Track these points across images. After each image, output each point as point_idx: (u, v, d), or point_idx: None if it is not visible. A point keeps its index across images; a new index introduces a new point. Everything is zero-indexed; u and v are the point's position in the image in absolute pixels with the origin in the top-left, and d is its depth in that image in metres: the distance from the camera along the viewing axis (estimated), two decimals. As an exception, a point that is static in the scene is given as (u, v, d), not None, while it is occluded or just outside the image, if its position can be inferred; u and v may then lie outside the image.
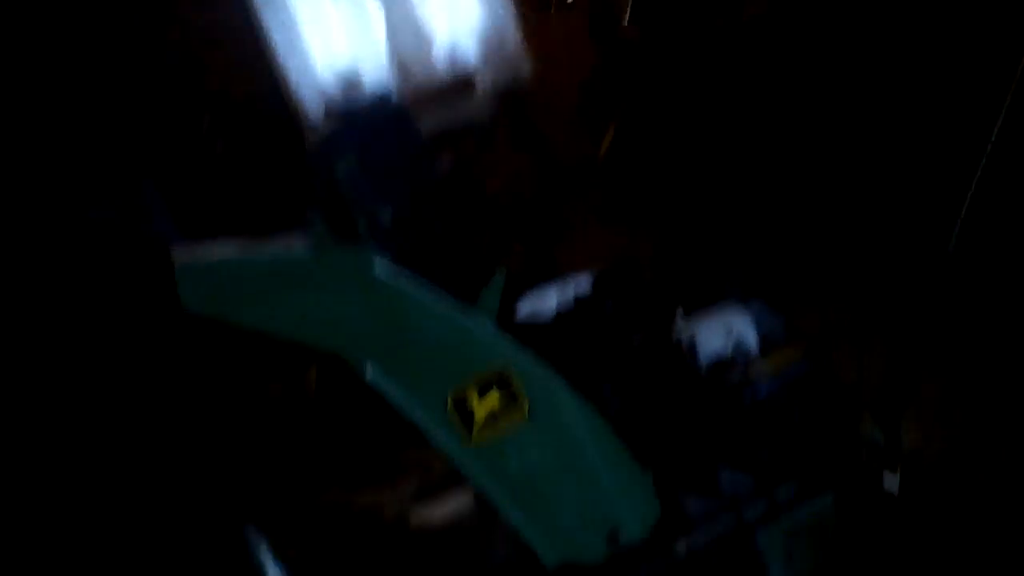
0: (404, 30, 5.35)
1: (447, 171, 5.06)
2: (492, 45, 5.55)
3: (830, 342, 1.88)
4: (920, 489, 2.41)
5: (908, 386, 1.88)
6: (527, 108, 5.80)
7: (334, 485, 3.62)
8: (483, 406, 1.50)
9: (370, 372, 1.48)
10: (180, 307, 1.37)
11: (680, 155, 5.93)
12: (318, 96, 5.28)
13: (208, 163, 4.84)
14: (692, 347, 1.76)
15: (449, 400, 1.49)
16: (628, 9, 5.49)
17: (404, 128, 3.95)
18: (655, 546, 1.63)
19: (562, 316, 2.04)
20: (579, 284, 2.90)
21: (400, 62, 5.42)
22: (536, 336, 3.17)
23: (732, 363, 1.74)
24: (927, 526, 1.89)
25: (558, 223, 5.62)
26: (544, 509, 1.54)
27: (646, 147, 6.02)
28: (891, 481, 1.80)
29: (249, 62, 5.27)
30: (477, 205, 5.22)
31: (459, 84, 5.34)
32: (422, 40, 5.44)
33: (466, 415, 1.50)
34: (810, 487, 1.85)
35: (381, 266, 1.53)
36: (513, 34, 5.53)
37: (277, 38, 5.20)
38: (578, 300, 2.01)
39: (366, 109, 4.38)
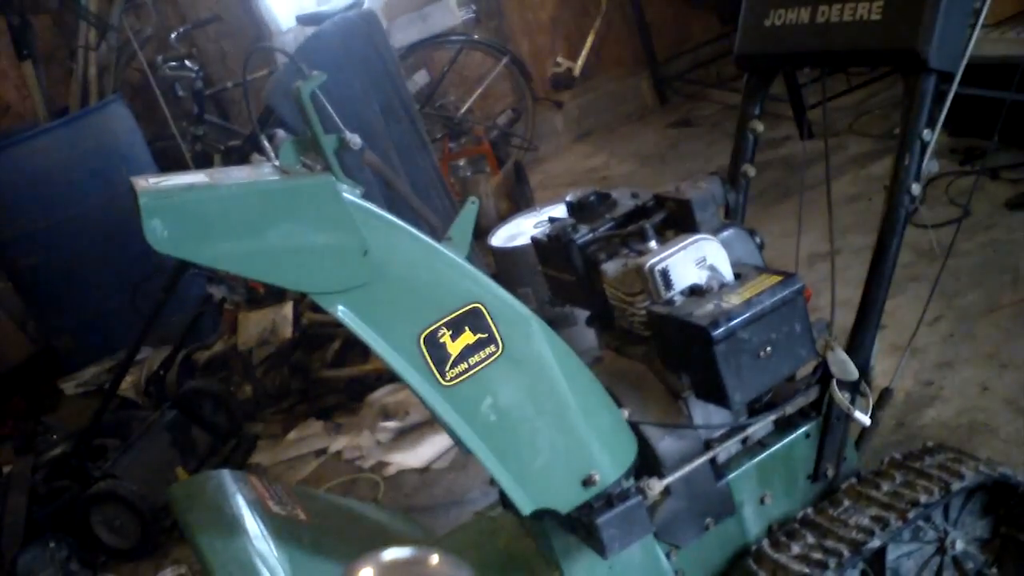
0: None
1: (423, 89, 4.96)
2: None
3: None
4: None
5: (875, 315, 1.86)
6: (502, 19, 5.69)
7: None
8: (456, 343, 1.47)
9: (339, 308, 1.43)
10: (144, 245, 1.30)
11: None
12: (290, 6, 5.15)
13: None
14: (665, 276, 1.73)
15: (420, 337, 1.46)
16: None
17: (376, 39, 3.87)
18: (629, 488, 1.62)
19: (535, 242, 2.01)
20: (553, 210, 2.87)
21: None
22: (511, 265, 3.18)
23: (706, 293, 1.71)
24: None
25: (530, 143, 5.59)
26: (518, 453, 1.51)
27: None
28: (861, 415, 1.80)
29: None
30: (450, 125, 5.15)
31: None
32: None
33: (438, 352, 1.46)
34: (785, 421, 1.86)
35: (350, 194, 1.48)
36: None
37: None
38: (551, 224, 1.98)
39: (335, 16, 4.26)
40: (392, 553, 1.05)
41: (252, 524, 1.79)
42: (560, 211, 2.08)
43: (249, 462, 3.46)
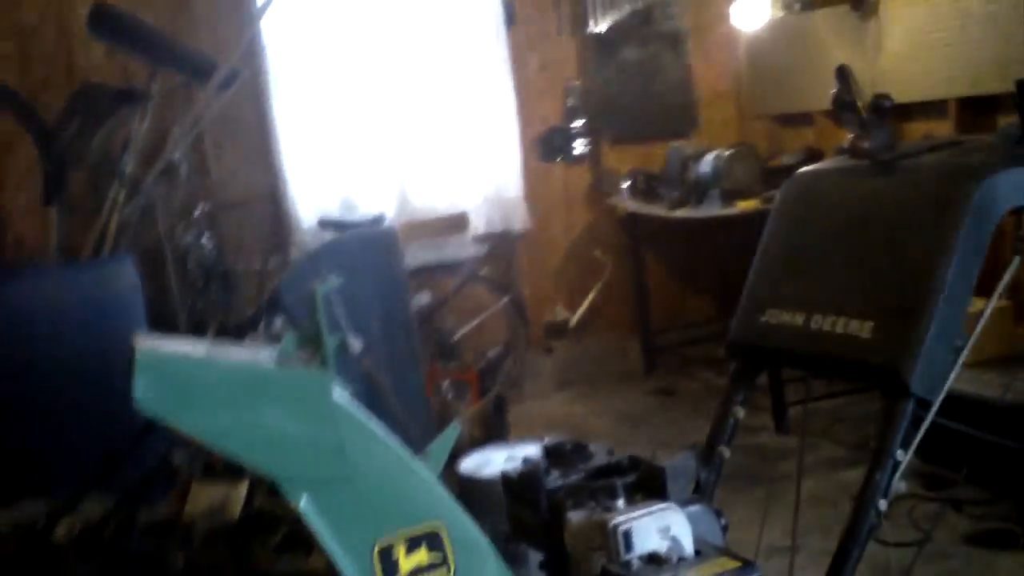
0: (411, 161, 5.52)
1: (424, 309, 5.11)
2: (493, 191, 5.72)
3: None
4: None
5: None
6: (513, 260, 5.93)
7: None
8: (409, 561, 1.47)
9: (303, 501, 1.44)
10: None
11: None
12: (313, 206, 5.38)
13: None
14: (627, 538, 1.74)
15: (376, 547, 1.46)
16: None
17: (391, 255, 4.03)
18: None
19: (505, 477, 2.03)
20: (526, 448, 2.88)
21: (401, 195, 5.56)
22: (476, 493, 3.16)
23: (664, 563, 1.71)
24: None
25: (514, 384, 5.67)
26: None
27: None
28: None
29: (254, 161, 5.39)
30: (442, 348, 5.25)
31: (453, 224, 5.48)
32: (426, 174, 5.61)
33: (389, 567, 1.46)
34: None
35: (341, 394, 1.52)
36: (516, 183, 5.72)
37: (284, 142, 5.34)
38: (524, 465, 2.00)
39: (359, 227, 4.45)
40: None
41: None
42: (534, 451, 2.11)
43: (163, 643, 3.29)
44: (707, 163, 5.16)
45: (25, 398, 4.31)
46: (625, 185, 5.78)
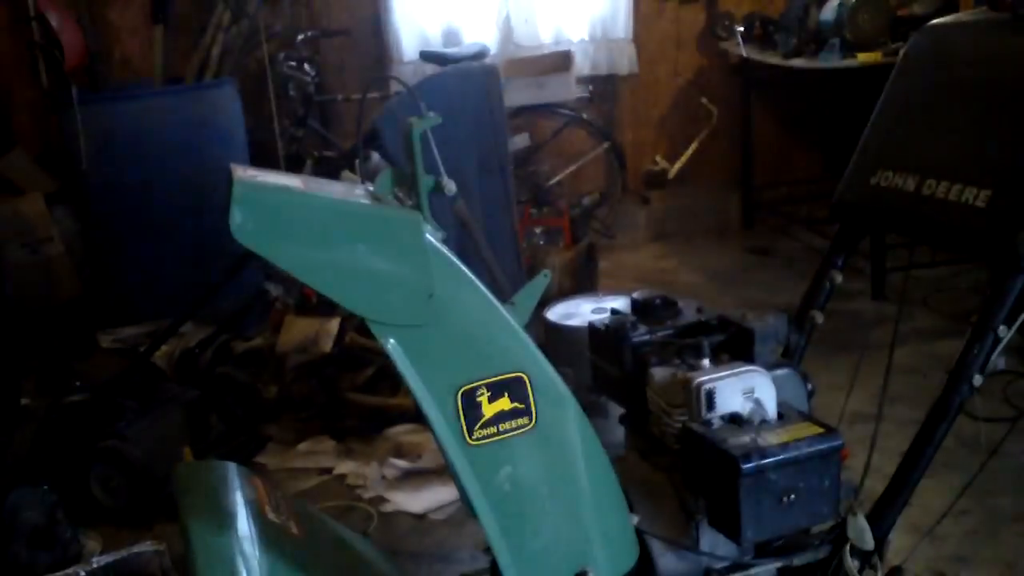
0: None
1: (521, 151, 5.04)
2: (600, 30, 5.54)
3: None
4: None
5: (906, 492, 1.83)
6: (615, 105, 5.78)
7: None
8: (492, 407, 1.49)
9: (391, 341, 1.46)
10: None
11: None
12: (416, 36, 5.29)
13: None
14: (710, 397, 1.73)
15: (460, 390, 1.47)
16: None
17: (492, 94, 3.95)
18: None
19: (592, 328, 2.03)
20: (615, 301, 2.88)
21: (505, 27, 5.42)
22: (561, 343, 3.18)
23: (745, 424, 1.71)
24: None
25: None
26: (521, 528, 1.51)
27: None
28: (868, 586, 1.77)
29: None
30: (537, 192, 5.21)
31: (557, 63, 5.33)
32: (533, 12, 5.44)
33: (473, 411, 1.48)
34: (790, 571, 1.84)
35: (432, 237, 1.51)
36: (625, 22, 5.52)
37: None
38: (612, 318, 1.99)
39: (460, 60, 4.36)
40: None
41: (244, 524, 1.80)
42: (622, 304, 2.10)
43: (255, 460, 3.48)
44: (830, 9, 4.84)
45: (128, 223, 4.45)
46: (740, 30, 5.51)
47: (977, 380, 1.79)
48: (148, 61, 5.03)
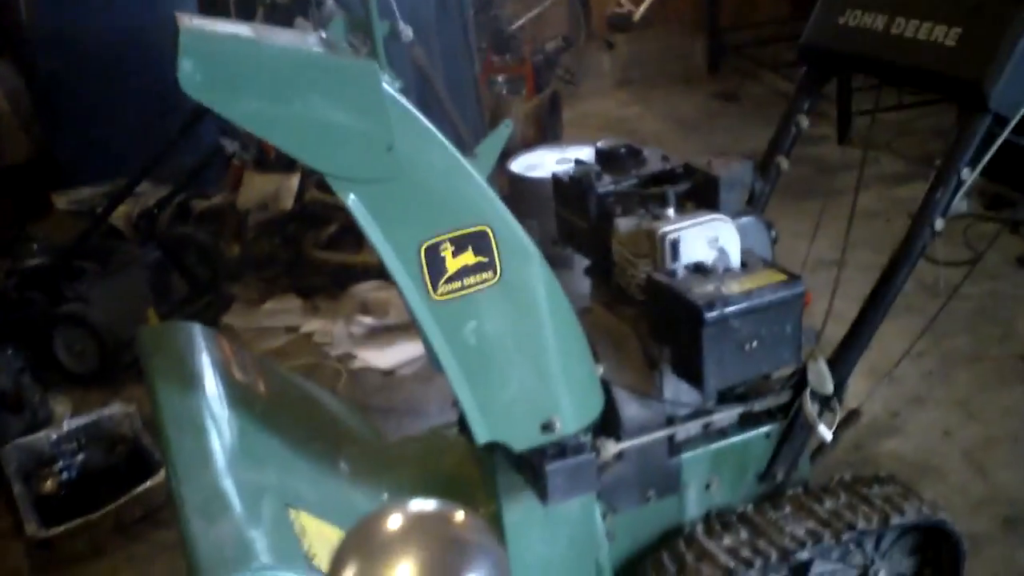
0: None
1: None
2: None
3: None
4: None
5: (865, 337, 1.86)
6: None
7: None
8: (456, 261, 1.46)
9: (351, 197, 1.42)
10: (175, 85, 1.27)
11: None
12: None
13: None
14: (675, 247, 1.72)
15: (423, 245, 1.45)
16: None
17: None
18: (584, 443, 1.63)
19: (556, 179, 2.00)
20: (579, 151, 2.83)
21: None
22: (525, 194, 3.15)
23: (710, 273, 1.71)
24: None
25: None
26: (488, 381, 1.52)
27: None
28: (825, 429, 1.81)
29: None
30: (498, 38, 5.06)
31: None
32: None
33: (436, 265, 1.46)
34: (750, 416, 1.88)
35: (390, 86, 1.45)
36: None
37: None
38: (576, 168, 1.96)
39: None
40: (419, 505, 1.05)
41: (212, 384, 1.80)
42: (587, 154, 2.06)
43: (221, 320, 3.47)
44: None
45: (76, 78, 4.28)
46: None
47: (939, 224, 1.79)
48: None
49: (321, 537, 1.46)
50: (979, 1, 1.76)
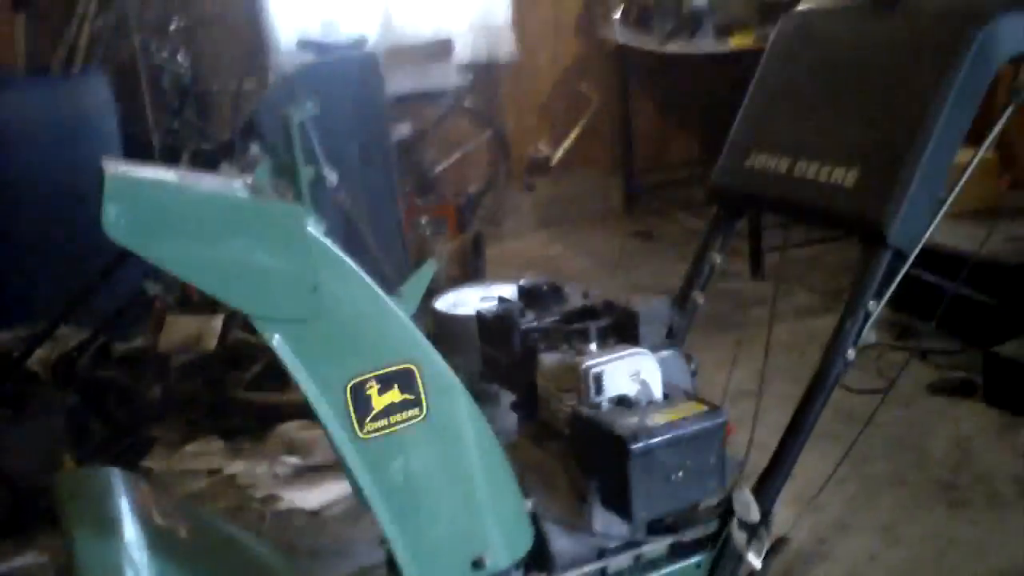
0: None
1: (404, 140, 5.00)
2: (480, 17, 5.53)
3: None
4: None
5: (788, 464, 1.90)
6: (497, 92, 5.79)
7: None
8: (382, 399, 1.48)
9: (275, 337, 1.43)
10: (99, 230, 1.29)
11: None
12: (293, 26, 5.19)
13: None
14: (598, 381, 1.76)
15: (349, 384, 1.46)
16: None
17: (372, 82, 3.91)
18: (515, 580, 1.62)
19: (480, 316, 2.03)
20: (502, 288, 2.88)
21: (385, 12, 5.37)
22: (450, 332, 3.18)
23: (633, 405, 1.74)
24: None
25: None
26: (416, 519, 1.51)
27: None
28: (755, 557, 1.83)
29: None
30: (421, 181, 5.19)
31: (437, 51, 5.31)
32: (412, 1, 5.40)
33: (362, 404, 1.47)
34: (680, 547, 1.88)
35: (315, 229, 1.49)
36: (504, 9, 5.53)
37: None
38: (500, 306, 2.01)
39: (339, 50, 4.30)
40: None
41: (131, 530, 1.75)
42: (510, 292, 2.11)
43: (141, 464, 3.38)
44: (703, -6, 4.97)
45: (-2, 219, 4.25)
46: (617, 15, 5.59)
47: (851, 354, 1.86)
48: (10, 50, 4.81)
49: None
50: (873, 143, 1.88)
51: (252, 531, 2.91)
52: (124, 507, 1.81)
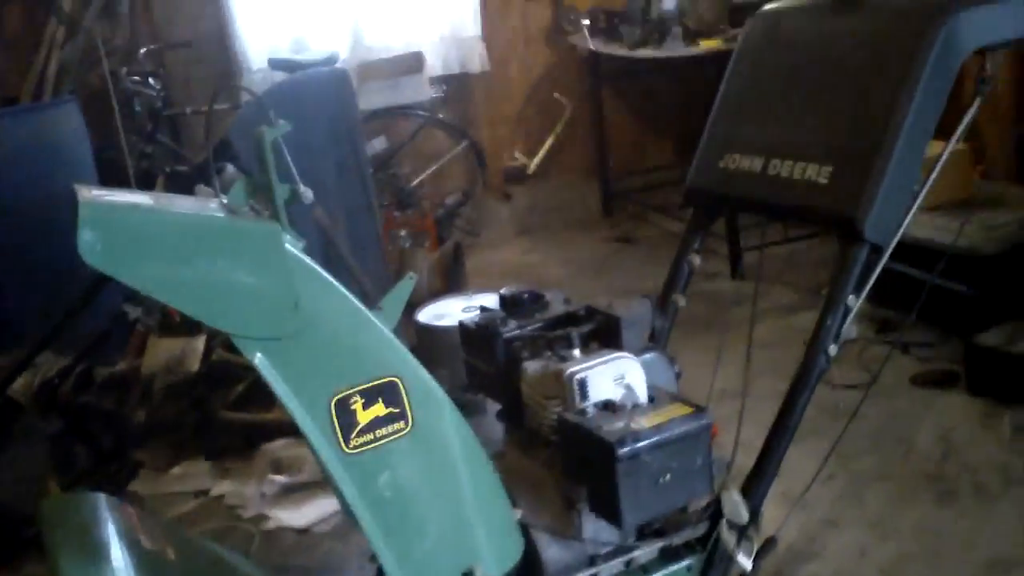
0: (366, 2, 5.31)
1: (379, 155, 5.00)
2: (449, 30, 5.54)
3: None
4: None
5: (774, 464, 1.91)
6: (470, 103, 5.80)
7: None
8: (367, 413, 1.47)
9: (257, 355, 1.43)
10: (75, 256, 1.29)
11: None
12: (263, 46, 5.18)
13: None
14: (583, 386, 1.76)
15: (333, 399, 1.46)
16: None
17: (344, 98, 3.91)
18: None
19: (463, 327, 2.03)
20: (484, 298, 2.89)
21: (355, 29, 5.37)
22: (433, 344, 3.18)
23: (618, 410, 1.74)
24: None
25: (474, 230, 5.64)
26: (405, 533, 1.51)
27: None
28: (745, 558, 1.83)
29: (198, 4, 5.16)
30: (399, 195, 5.18)
31: (409, 65, 5.32)
32: (380, 12, 5.40)
33: (347, 419, 1.46)
34: (671, 550, 1.88)
35: (293, 246, 1.49)
36: (473, 21, 5.54)
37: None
38: (481, 315, 2.01)
39: (310, 67, 4.30)
40: None
41: (118, 555, 1.74)
42: (491, 301, 2.11)
43: (128, 488, 3.36)
44: (670, -1, 5.01)
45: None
46: (586, 23, 5.61)
47: (832, 350, 1.87)
48: (-23, 81, 4.79)
49: None
50: (845, 140, 1.90)
51: (241, 552, 2.89)
52: (110, 532, 1.80)
